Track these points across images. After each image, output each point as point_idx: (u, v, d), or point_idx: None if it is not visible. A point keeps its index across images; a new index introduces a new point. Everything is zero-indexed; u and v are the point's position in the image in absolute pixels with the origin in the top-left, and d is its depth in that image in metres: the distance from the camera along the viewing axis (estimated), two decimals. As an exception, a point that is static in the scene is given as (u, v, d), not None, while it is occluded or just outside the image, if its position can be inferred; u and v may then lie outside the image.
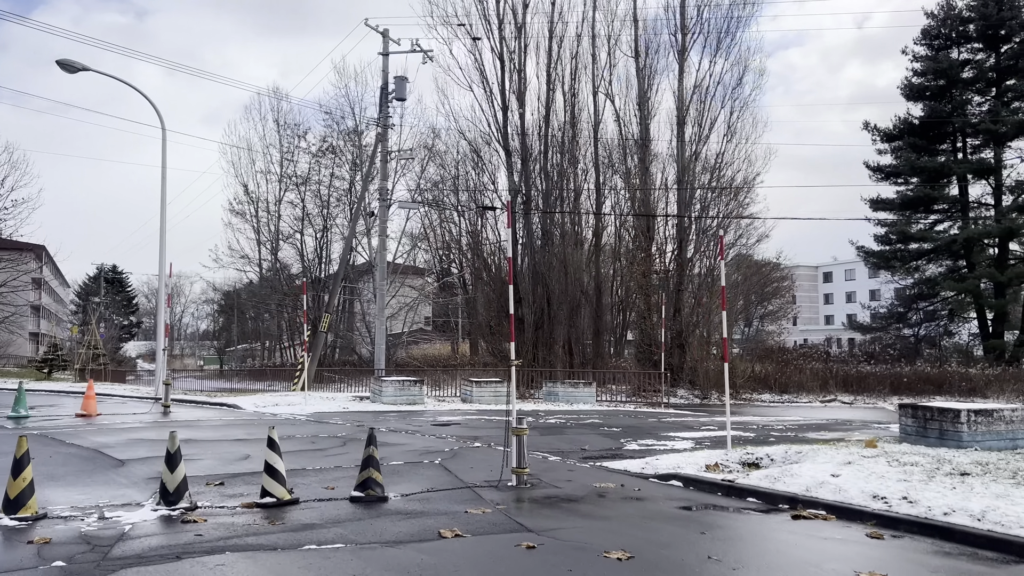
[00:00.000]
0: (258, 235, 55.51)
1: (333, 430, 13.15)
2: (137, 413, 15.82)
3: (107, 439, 11.69)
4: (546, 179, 32.12)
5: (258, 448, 10.65)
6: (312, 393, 18.72)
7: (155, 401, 19.15)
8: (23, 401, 15.14)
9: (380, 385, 18.05)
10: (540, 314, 31.68)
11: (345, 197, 52.40)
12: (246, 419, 14.90)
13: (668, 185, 29.64)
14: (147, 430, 13.00)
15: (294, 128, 54.35)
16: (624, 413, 18.01)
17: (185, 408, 16.87)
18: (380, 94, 24.39)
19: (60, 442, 11.39)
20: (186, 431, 12.95)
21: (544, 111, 32.19)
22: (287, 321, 55.59)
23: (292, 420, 14.85)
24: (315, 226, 54.34)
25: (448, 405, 18.40)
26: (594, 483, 8.20)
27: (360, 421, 14.84)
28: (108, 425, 13.72)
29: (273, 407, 16.96)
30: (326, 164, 52.59)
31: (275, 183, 54.56)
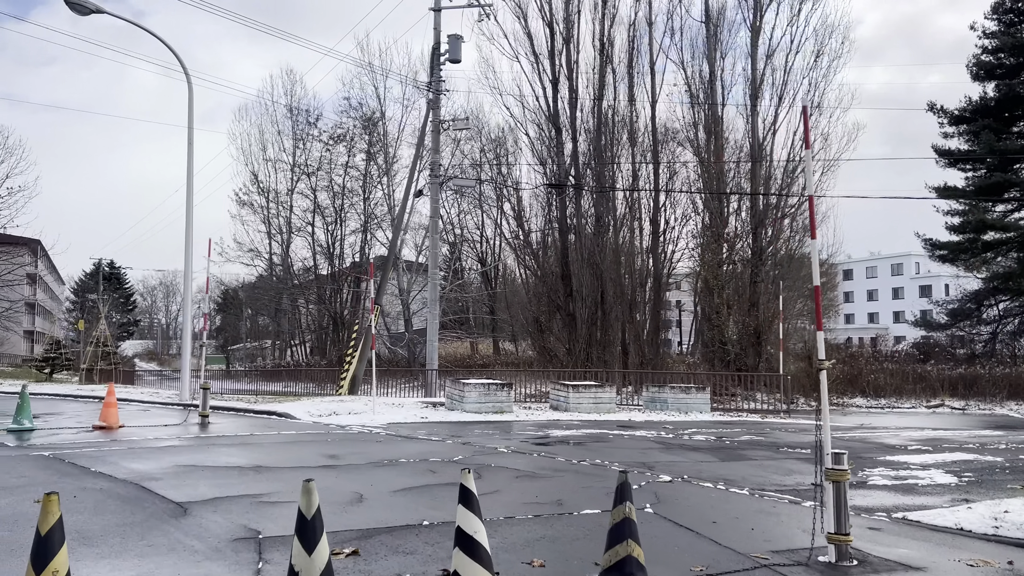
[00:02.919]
0: (268, 227, 52.39)
1: (436, 450, 10.05)
2: (169, 424, 12.70)
3: (147, 465, 8.58)
4: (599, 159, 29.04)
5: (362, 480, 7.58)
6: (377, 399, 15.61)
7: (184, 408, 16.03)
8: (27, 410, 12.01)
9: (460, 390, 14.95)
10: (594, 309, 28.62)
11: (359, 186, 49.46)
12: (312, 434, 11.79)
13: (737, 162, 26.57)
14: (194, 451, 9.89)
15: (307, 114, 51.22)
16: (753, 424, 14.96)
17: (225, 418, 13.78)
18: (431, 55, 21.31)
19: (83, 471, 8.28)
20: (245, 453, 9.84)
21: (598, 84, 29.14)
22: (308, 317, 52.44)
23: (368, 434, 11.75)
24: (327, 218, 51.37)
25: (540, 414, 15.31)
26: (950, 557, 5.16)
27: (454, 435, 11.76)
28: (139, 442, 10.60)
29: (333, 416, 13.87)
30: (340, 152, 49.61)
31: (287, 172, 51.45)
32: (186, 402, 16.94)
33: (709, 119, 27.56)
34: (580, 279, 28.29)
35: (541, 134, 29.85)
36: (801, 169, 26.46)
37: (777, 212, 26.52)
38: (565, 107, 29.54)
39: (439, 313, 21.68)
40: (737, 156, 27.41)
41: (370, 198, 48.93)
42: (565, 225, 28.88)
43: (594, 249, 28.60)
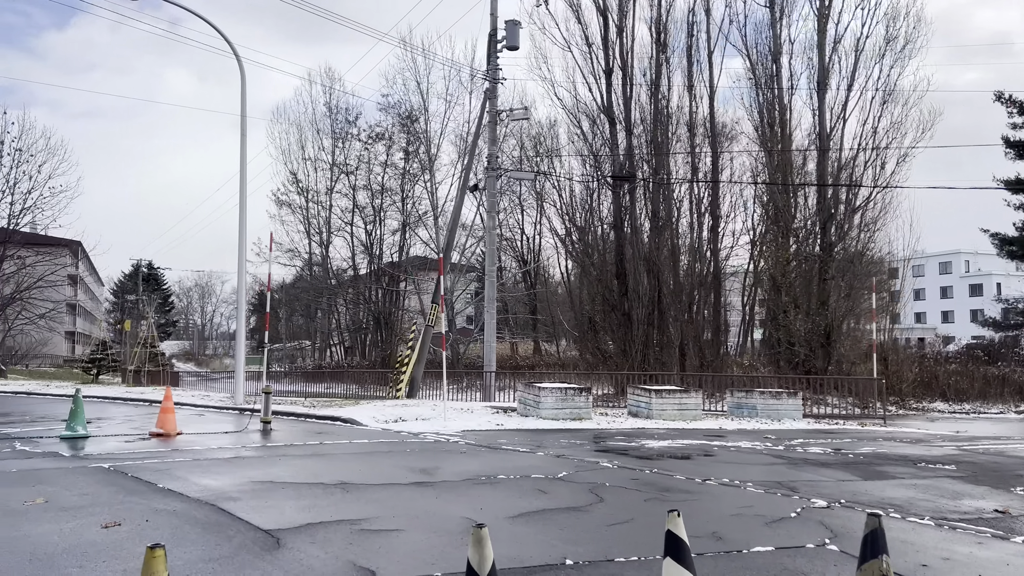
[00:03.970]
0: (307, 226, 51.88)
1: (532, 464, 9.01)
2: (229, 431, 11.83)
3: (219, 481, 7.64)
4: (656, 151, 27.81)
5: (467, 502, 6.53)
6: (450, 403, 14.60)
7: (240, 412, 15.19)
8: (80, 415, 11.20)
9: (536, 395, 13.88)
10: (651, 309, 27.40)
11: (398, 185, 48.73)
12: (386, 443, 10.80)
13: (806, 149, 25.17)
14: (265, 463, 8.96)
15: (345, 112, 50.61)
16: (857, 433, 13.70)
17: (286, 423, 12.89)
18: (488, 42, 20.31)
19: (150, 487, 7.36)
20: (321, 466, 8.89)
21: (654, 74, 27.92)
22: (347, 317, 51.85)
23: (447, 444, 10.75)
24: (366, 217, 50.74)
25: (620, 421, 14.17)
26: None
27: (540, 445, 10.71)
28: (202, 452, 9.70)
29: (401, 423, 12.91)
30: (379, 150, 48.95)
31: (326, 171, 50.87)
32: (240, 406, 16.12)
33: (773, 108, 26.21)
34: (636, 277, 27.09)
35: (594, 127, 28.72)
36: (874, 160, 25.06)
37: (847, 205, 25.12)
38: (618, 99, 28.37)
39: (494, 313, 20.67)
40: (804, 147, 26.04)
41: (409, 197, 48.23)
42: (620, 221, 27.71)
43: (651, 246, 27.39)
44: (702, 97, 28.29)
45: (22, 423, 13.76)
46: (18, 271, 43.36)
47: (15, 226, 46.03)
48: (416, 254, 49.38)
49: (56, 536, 5.58)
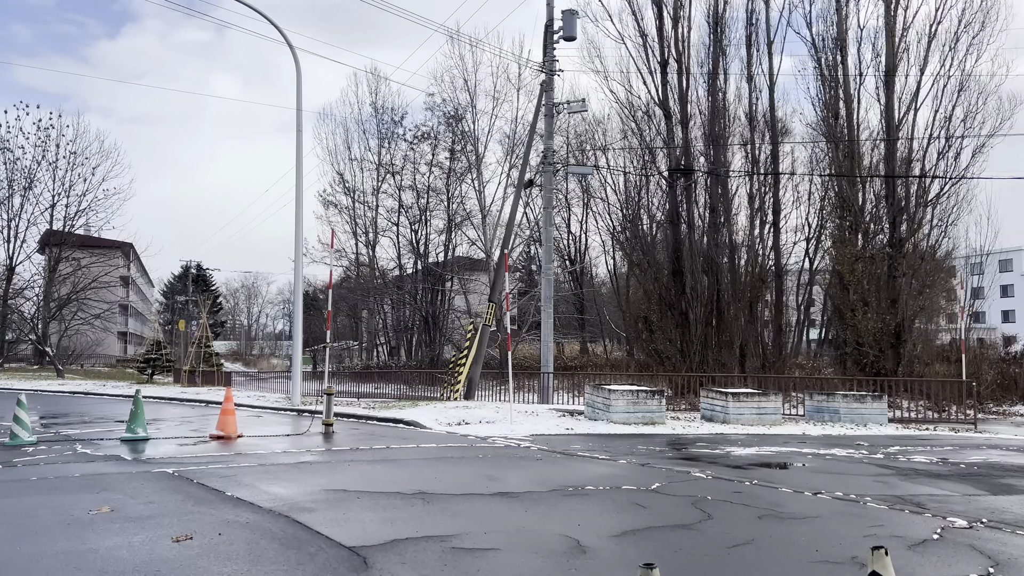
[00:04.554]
0: (354, 226, 51.90)
1: (618, 474, 8.38)
2: (291, 434, 11.42)
3: (289, 490, 7.17)
4: (714, 144, 26.92)
5: (561, 518, 5.90)
6: (515, 406, 14.03)
7: (298, 414, 14.84)
8: (140, 417, 10.89)
9: (605, 397, 13.24)
10: (709, 308, 26.52)
11: (443, 184, 48.47)
12: (455, 448, 10.27)
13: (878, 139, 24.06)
14: (334, 469, 8.49)
15: (391, 113, 50.50)
16: (955, 440, 12.77)
17: (347, 425, 12.45)
18: (544, 33, 19.72)
19: (218, 495, 6.91)
20: (394, 473, 8.37)
21: (711, 65, 27.04)
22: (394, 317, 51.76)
23: (519, 449, 10.18)
24: (411, 217, 50.62)
25: (695, 425, 13.40)
26: None
27: (619, 451, 10.06)
28: (267, 457, 9.28)
29: (465, 426, 12.39)
30: (424, 150, 48.76)
31: (372, 171, 50.85)
32: (298, 407, 15.79)
33: (838, 97, 25.13)
34: (694, 275, 26.24)
35: (648, 120, 27.94)
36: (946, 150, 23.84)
37: (919, 199, 23.93)
38: (673, 92, 27.55)
39: (551, 313, 20.05)
40: (871, 138, 24.92)
41: (454, 196, 47.94)
42: (676, 216, 26.88)
43: (709, 242, 26.51)
44: (761, 88, 27.33)
45: (81, 424, 13.57)
46: (74, 272, 44.09)
47: (70, 228, 46.90)
48: (461, 254, 49.08)
49: (125, 551, 5.13)
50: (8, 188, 46.17)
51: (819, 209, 29.21)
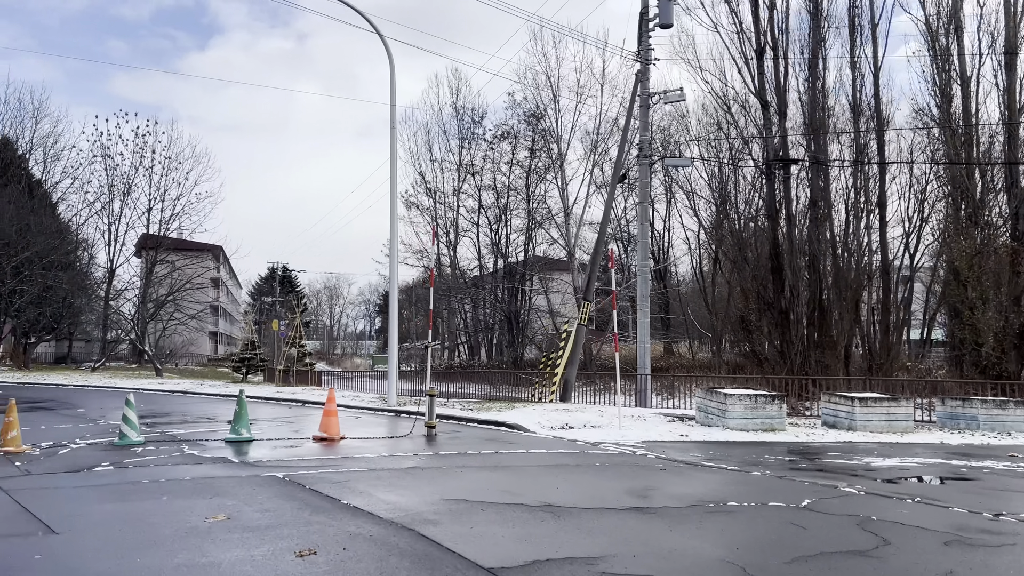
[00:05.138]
0: (435, 226, 52.04)
1: (760, 487, 7.64)
2: (394, 436, 11.08)
3: (407, 499, 6.74)
4: (814, 134, 25.56)
5: (715, 540, 5.17)
6: (613, 409, 13.37)
7: (396, 415, 14.58)
8: (244, 418, 10.74)
9: (721, 402, 12.44)
10: (811, 306, 25.19)
11: (522, 184, 48.13)
12: (567, 454, 9.71)
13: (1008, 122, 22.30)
14: (447, 476, 8.05)
15: (472, 113, 50.48)
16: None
17: (448, 427, 12.06)
18: (639, 21, 18.98)
19: (334, 503, 6.53)
20: (511, 481, 7.86)
21: (810, 52, 25.69)
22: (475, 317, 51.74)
23: (635, 457, 9.54)
24: (490, 217, 50.53)
25: (818, 433, 12.42)
26: None
27: (746, 461, 9.30)
28: (375, 461, 8.92)
29: (569, 430, 11.83)
30: (504, 149, 48.52)
31: (453, 172, 50.95)
32: (394, 407, 15.55)
33: (952, 81, 23.46)
34: (794, 272, 24.96)
35: (743, 111, 26.79)
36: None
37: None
38: (769, 81, 26.30)
39: (648, 312, 19.26)
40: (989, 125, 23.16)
41: (534, 195, 47.54)
42: (775, 211, 25.65)
43: (810, 237, 25.19)
44: (865, 74, 25.83)
45: (183, 424, 13.61)
46: (169, 274, 45.62)
47: (165, 232, 48.63)
48: (540, 253, 48.65)
49: (249, 566, 4.75)
50: (109, 193, 48.25)
51: (920, 202, 27.43)
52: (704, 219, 38.08)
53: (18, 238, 36.47)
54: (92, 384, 26.47)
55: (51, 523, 5.83)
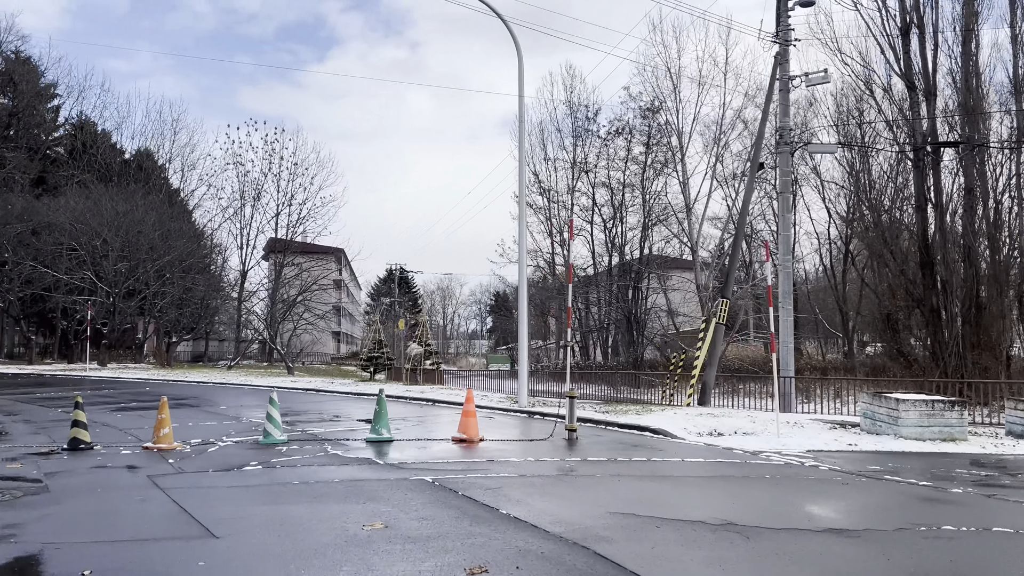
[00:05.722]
0: (549, 226, 51.77)
1: (986, 509, 6.65)
2: (535, 439, 10.63)
3: (568, 509, 6.22)
4: (969, 116, 23.36)
5: None
6: (781, 416, 12.43)
7: (530, 416, 14.18)
8: (384, 418, 10.56)
9: (892, 408, 11.29)
10: (966, 304, 23.03)
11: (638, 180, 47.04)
12: (728, 464, 8.95)
13: None
14: (603, 484, 7.52)
15: (586, 110, 49.86)
16: None
17: (589, 431, 11.51)
18: (777, 1, 17.80)
19: (491, 512, 6.10)
20: (675, 492, 7.22)
21: (963, 26, 23.50)
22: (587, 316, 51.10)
23: (803, 468, 8.68)
24: (604, 215, 49.71)
25: (1012, 444, 10.98)
26: None
27: (936, 476, 8.25)
28: (522, 466, 8.48)
29: (718, 436, 11.03)
30: (619, 145, 47.62)
31: (567, 170, 50.47)
32: (525, 408, 15.16)
33: None
34: (947, 265, 22.89)
35: (886, 94, 24.86)
36: None
37: None
38: (916, 60, 24.26)
39: (791, 310, 18.02)
40: None
41: (650, 192, 46.40)
42: (923, 200, 23.62)
43: (965, 228, 23.04)
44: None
45: (321, 422, 13.68)
46: (297, 275, 47.40)
47: (293, 235, 50.57)
48: (657, 251, 47.39)
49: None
50: (240, 199, 50.66)
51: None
52: (834, 211, 35.82)
53: (161, 243, 38.69)
54: (229, 381, 27.54)
55: (210, 526, 5.68)
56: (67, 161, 46.77)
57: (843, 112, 29.90)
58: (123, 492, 7.02)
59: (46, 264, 37.01)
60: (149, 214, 39.07)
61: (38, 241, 36.97)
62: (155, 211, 40.08)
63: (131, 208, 38.46)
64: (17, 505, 6.40)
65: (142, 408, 15.73)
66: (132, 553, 5.05)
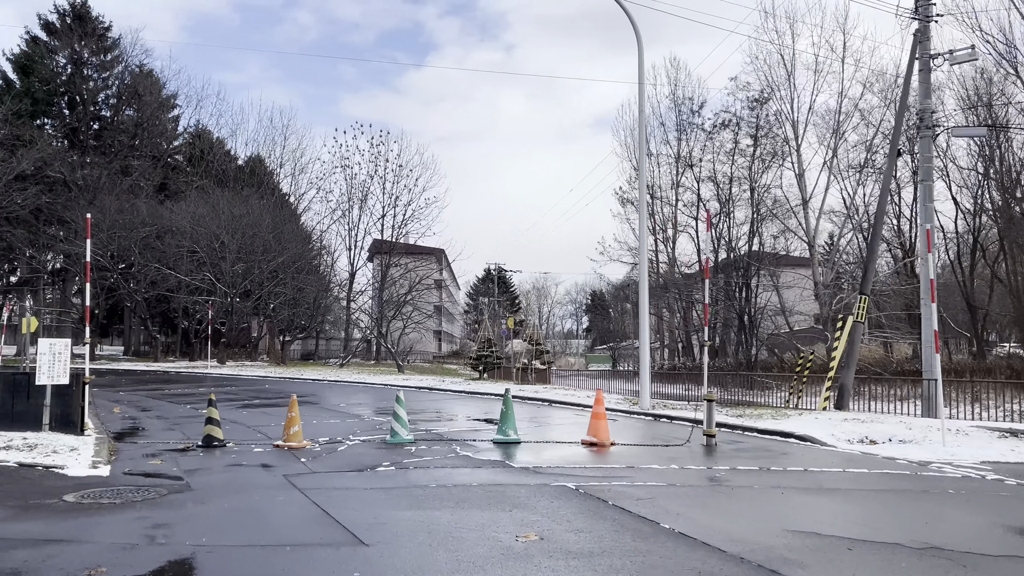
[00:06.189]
0: (652, 222, 50.58)
1: None
2: (670, 444, 10.01)
3: (737, 525, 5.62)
4: None
5: None
6: (932, 422, 11.38)
7: (656, 419, 13.56)
8: (511, 419, 10.21)
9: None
10: None
11: (745, 174, 45.32)
12: (899, 476, 8.02)
13: None
14: (763, 497, 6.88)
15: (690, 103, 48.49)
16: None
17: (726, 437, 10.77)
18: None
19: (652, 526, 5.56)
20: (844, 506, 6.50)
21: None
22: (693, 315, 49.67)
23: (989, 484, 7.71)
24: (711, 211, 48.11)
25: None
26: None
27: None
28: (665, 473, 7.91)
29: (870, 444, 10.09)
30: (725, 138, 46.04)
31: (671, 165, 49.26)
32: (647, 411, 14.51)
33: None
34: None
35: None
36: None
37: None
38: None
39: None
40: None
41: (759, 186, 44.58)
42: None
43: None
44: None
45: (441, 421, 13.51)
46: (403, 275, 48.16)
47: (397, 237, 51.40)
48: (768, 248, 45.47)
49: (602, 610, 3.88)
50: (348, 201, 51.89)
51: None
52: (962, 202, 33.29)
53: (275, 244, 39.97)
54: (343, 379, 28.00)
55: (357, 532, 5.40)
56: (186, 168, 49.08)
57: (979, 93, 27.66)
58: (262, 492, 6.89)
59: (169, 266, 38.85)
60: (264, 216, 40.41)
61: (162, 244, 38.83)
62: (269, 213, 41.44)
63: (247, 211, 39.88)
64: (163, 504, 6.33)
65: (265, 405, 15.99)
66: (284, 560, 4.80)
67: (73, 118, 47.15)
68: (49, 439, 9.26)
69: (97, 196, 39.61)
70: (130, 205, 40.03)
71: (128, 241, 38.09)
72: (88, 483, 7.16)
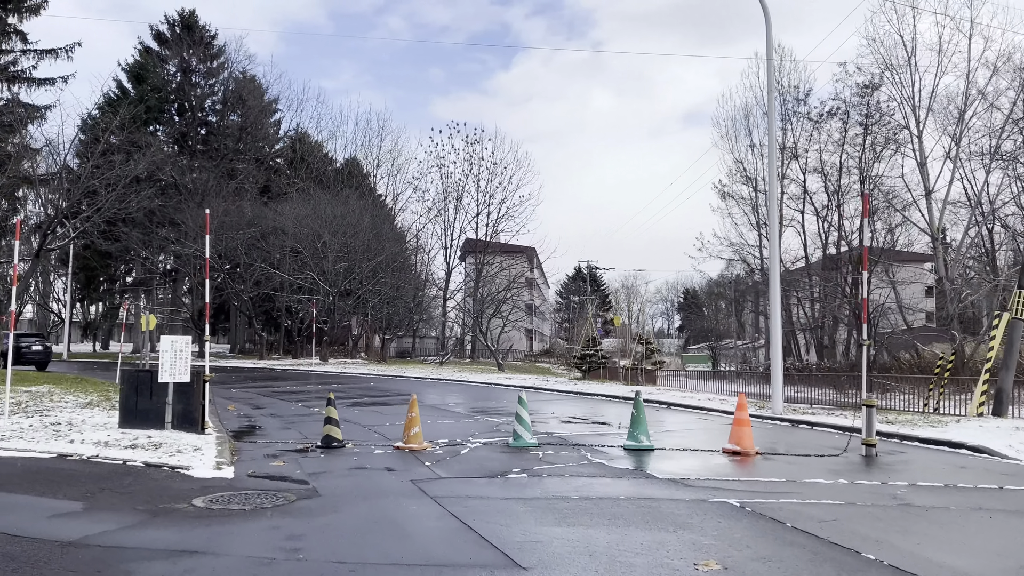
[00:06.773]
0: (756, 217, 48.67)
1: None
2: (824, 455, 9.00)
3: (964, 559, 4.73)
4: None
5: None
6: None
7: (794, 425, 12.51)
8: (643, 424, 9.47)
9: None
10: None
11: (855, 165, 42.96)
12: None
13: None
14: (970, 520, 5.88)
15: (795, 91, 46.35)
16: None
17: (880, 444, 9.68)
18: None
19: (853, 556, 4.74)
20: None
21: None
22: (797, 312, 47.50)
23: None
24: (816, 204, 45.88)
25: None
26: None
27: None
28: (835, 489, 7.02)
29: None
30: (832, 128, 43.76)
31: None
32: (780, 415, 13.45)
33: None
34: None
35: None
36: None
37: None
38: None
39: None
40: None
41: (869, 177, 42.13)
42: None
43: None
44: None
45: (559, 423, 12.94)
46: (497, 273, 47.88)
47: (492, 235, 51.17)
48: (881, 241, 42.83)
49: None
50: (443, 200, 52.05)
51: None
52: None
53: (375, 243, 40.35)
54: (445, 377, 27.78)
55: (509, 552, 4.78)
56: (286, 171, 50.28)
57: None
58: (392, 500, 6.39)
59: (273, 266, 39.75)
60: (363, 216, 40.85)
61: (266, 244, 39.77)
62: (368, 213, 41.88)
63: (346, 211, 40.39)
64: (293, 511, 5.91)
65: (375, 404, 15.74)
66: (440, 587, 4.22)
67: (182, 123, 49.08)
68: (172, 438, 9.10)
69: (205, 198, 40.94)
70: (236, 207, 41.21)
71: (234, 242, 39.18)
72: (214, 486, 6.84)
